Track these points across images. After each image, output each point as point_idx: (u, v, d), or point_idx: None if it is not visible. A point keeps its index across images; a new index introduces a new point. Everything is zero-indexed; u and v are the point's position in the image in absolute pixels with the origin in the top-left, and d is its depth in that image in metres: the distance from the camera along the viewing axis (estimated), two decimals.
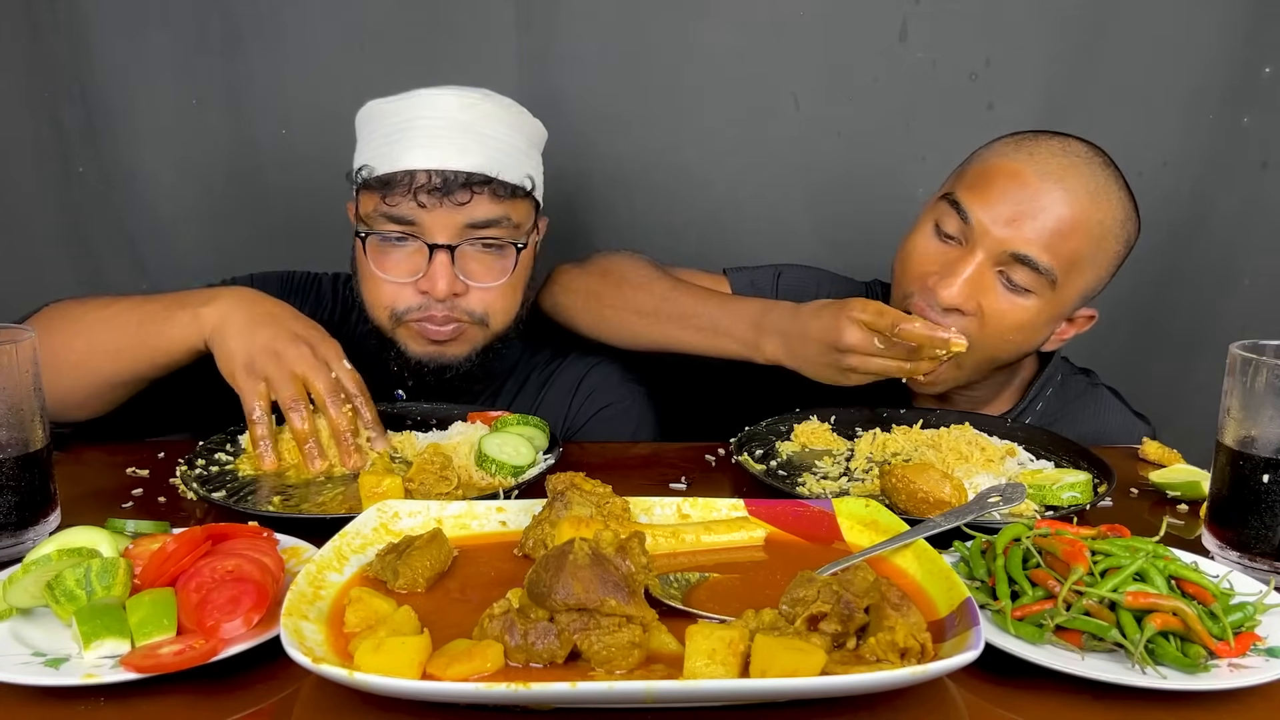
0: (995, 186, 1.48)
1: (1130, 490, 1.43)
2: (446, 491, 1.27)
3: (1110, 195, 1.49)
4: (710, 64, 2.18)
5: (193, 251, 2.19)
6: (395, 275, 1.54)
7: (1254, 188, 2.21)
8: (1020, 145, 1.51)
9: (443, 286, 1.51)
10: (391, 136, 1.51)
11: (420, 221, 1.51)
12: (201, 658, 0.87)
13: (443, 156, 1.48)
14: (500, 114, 1.54)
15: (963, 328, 1.48)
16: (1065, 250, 1.46)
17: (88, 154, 2.21)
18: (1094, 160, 1.50)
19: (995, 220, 1.46)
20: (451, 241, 1.51)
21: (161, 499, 1.32)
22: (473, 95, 1.54)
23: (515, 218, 1.56)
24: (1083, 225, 1.46)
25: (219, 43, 2.16)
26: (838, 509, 1.14)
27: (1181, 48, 2.15)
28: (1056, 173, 1.46)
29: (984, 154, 1.56)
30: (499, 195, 1.52)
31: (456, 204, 1.49)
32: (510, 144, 1.54)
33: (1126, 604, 0.92)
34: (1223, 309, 2.28)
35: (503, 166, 1.52)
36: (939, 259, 1.51)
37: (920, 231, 1.56)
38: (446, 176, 1.48)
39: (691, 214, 2.26)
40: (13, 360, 1.11)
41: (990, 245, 1.47)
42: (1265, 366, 1.12)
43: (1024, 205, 1.45)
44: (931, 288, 1.50)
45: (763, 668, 0.82)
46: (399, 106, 1.53)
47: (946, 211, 1.52)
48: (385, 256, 1.55)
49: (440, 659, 0.84)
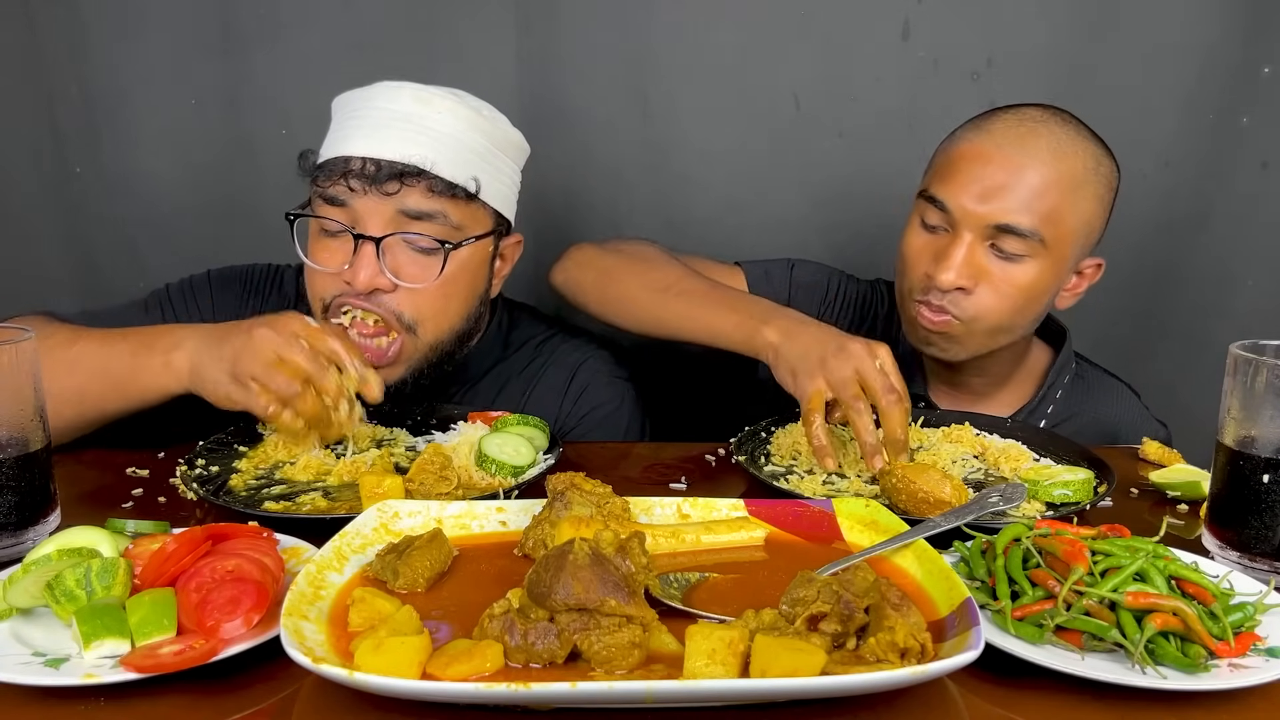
0: (962, 170, 1.54)
1: (1130, 490, 1.43)
2: (446, 492, 1.27)
3: (1073, 146, 1.54)
4: (710, 64, 2.18)
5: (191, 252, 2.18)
6: (324, 264, 1.49)
7: (1254, 188, 2.21)
8: (978, 127, 1.58)
9: (364, 276, 1.44)
10: (344, 126, 1.50)
11: (352, 208, 1.46)
12: (201, 658, 0.87)
13: (378, 145, 1.45)
14: (459, 111, 1.49)
15: (969, 302, 1.55)
16: (1044, 209, 1.51)
17: (86, 154, 2.21)
18: (1050, 120, 1.56)
19: (971, 200, 1.52)
20: (380, 232, 1.45)
21: (161, 499, 1.32)
22: (432, 91, 1.49)
23: (455, 218, 1.49)
24: (1054, 181, 1.51)
25: (218, 43, 2.16)
26: (838, 509, 1.14)
27: (1182, 48, 2.15)
28: (1015, 141, 1.53)
29: (946, 145, 1.62)
30: (435, 190, 1.46)
31: (385, 193, 1.44)
32: (462, 142, 1.48)
33: (1126, 604, 0.92)
34: (1223, 309, 2.28)
35: (442, 161, 1.46)
36: (931, 248, 1.58)
37: (910, 230, 1.62)
38: (380, 164, 1.44)
39: (692, 214, 2.26)
40: (13, 360, 1.12)
41: (973, 223, 1.53)
42: (1265, 366, 1.12)
43: (993, 179, 1.52)
44: (930, 275, 1.55)
45: (763, 668, 0.82)
46: (359, 97, 1.51)
47: (926, 206, 1.59)
48: (321, 245, 1.51)
49: (440, 659, 0.84)
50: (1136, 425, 1.73)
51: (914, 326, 1.63)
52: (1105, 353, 2.00)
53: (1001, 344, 1.63)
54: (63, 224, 2.25)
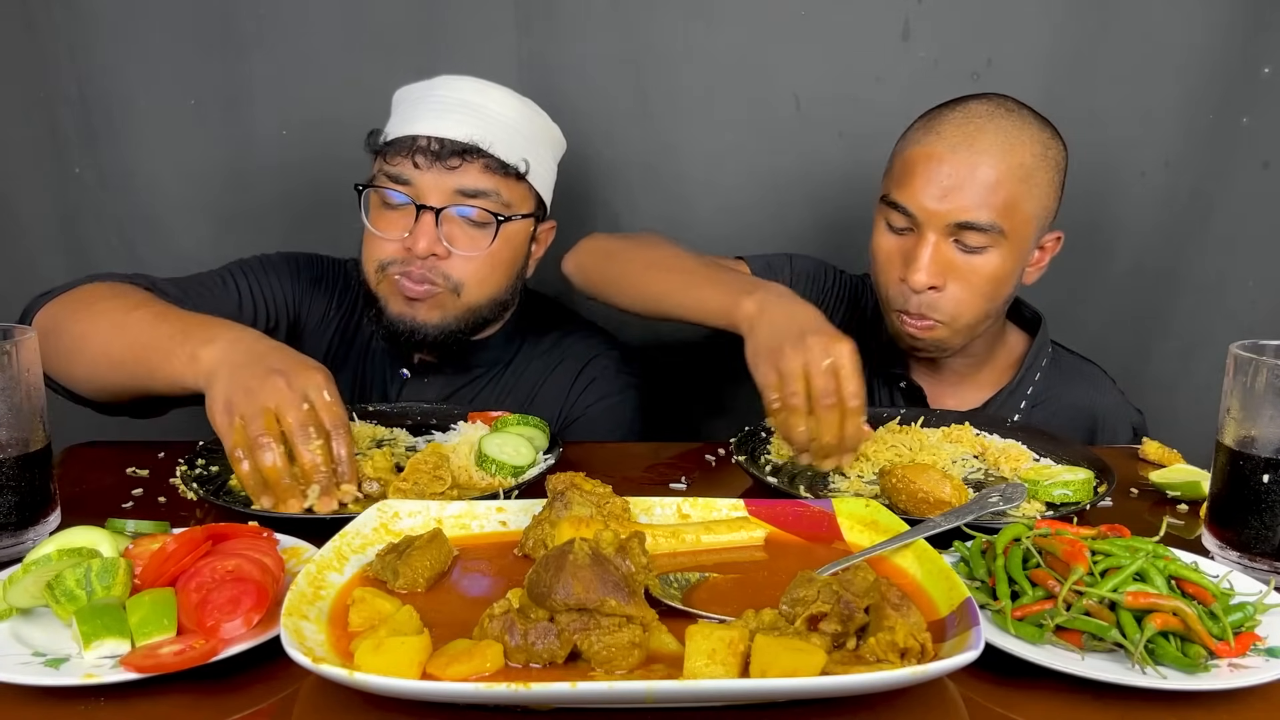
0: (918, 174, 1.60)
1: (1130, 490, 1.43)
2: (441, 491, 1.27)
3: (1020, 137, 1.60)
4: (710, 64, 2.18)
5: (191, 253, 2.18)
6: (386, 232, 1.63)
7: (1254, 188, 2.21)
8: (928, 128, 1.64)
9: (423, 244, 1.59)
10: (408, 110, 1.65)
11: (414, 183, 1.61)
12: (201, 658, 0.87)
13: (443, 126, 1.60)
14: (512, 103, 1.66)
15: (945, 301, 1.61)
16: (999, 202, 1.57)
17: (85, 155, 2.20)
18: (995, 113, 1.61)
19: (929, 201, 1.58)
20: (440, 204, 1.60)
21: (161, 499, 1.32)
22: (488, 84, 1.66)
23: (506, 195, 1.64)
24: (1005, 174, 1.57)
25: (218, 43, 2.16)
26: (838, 509, 1.15)
27: (1182, 48, 2.14)
28: (965, 141, 1.58)
29: (900, 148, 1.68)
30: (490, 168, 1.62)
31: (448, 168, 1.59)
32: (514, 128, 1.64)
33: (1126, 604, 0.92)
34: (1223, 309, 2.28)
35: (498, 142, 1.61)
36: (899, 249, 1.64)
37: (877, 233, 1.69)
38: (443, 142, 1.59)
39: (692, 214, 2.26)
40: (13, 360, 1.12)
41: (935, 223, 1.59)
42: (1265, 366, 1.12)
43: (947, 180, 1.58)
44: (903, 279, 1.62)
45: (763, 668, 0.82)
46: (422, 86, 1.67)
47: (889, 211, 1.64)
48: (382, 216, 1.65)
49: (440, 659, 0.84)
50: (1112, 409, 1.82)
51: (900, 336, 1.69)
52: (1105, 353, 2.00)
53: (983, 330, 1.70)
54: (63, 224, 2.25)
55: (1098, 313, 2.28)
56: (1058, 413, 1.76)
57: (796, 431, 1.32)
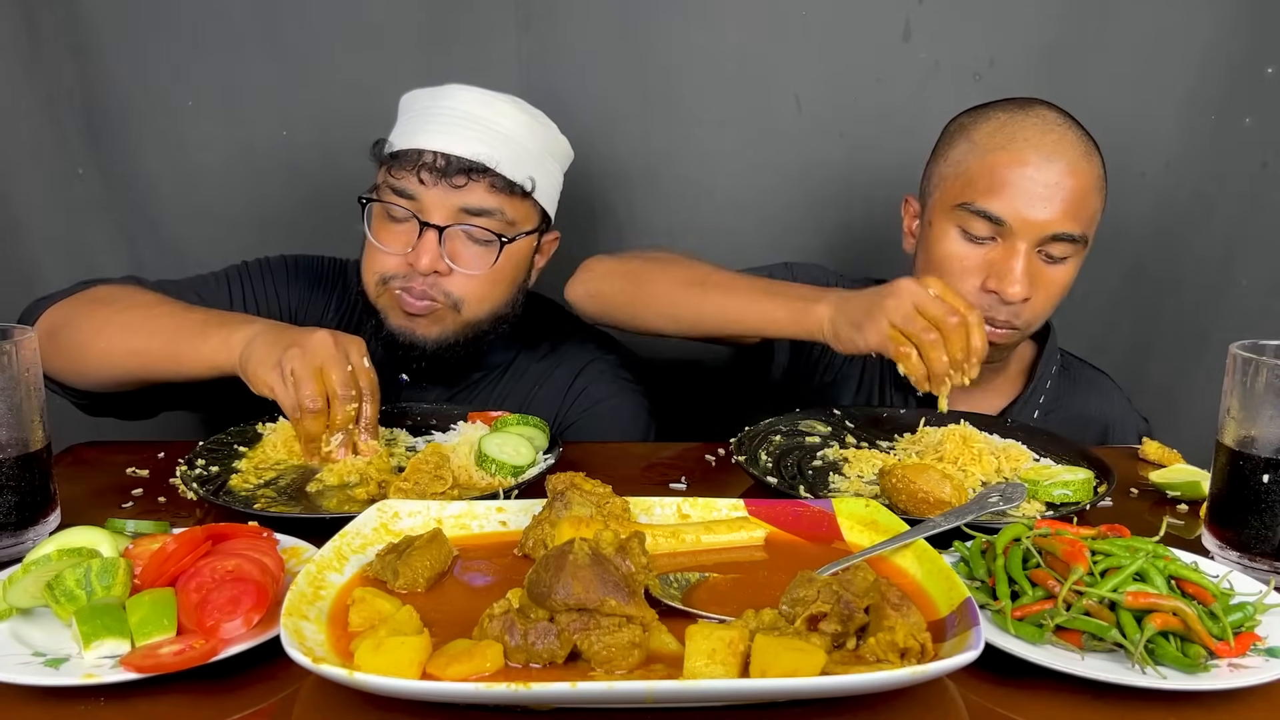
0: (1010, 183, 1.56)
1: (1130, 490, 1.43)
2: (441, 491, 1.27)
3: (1090, 147, 1.60)
4: (710, 64, 2.18)
5: (193, 252, 2.19)
6: (389, 245, 1.62)
7: (1255, 188, 2.21)
8: (1003, 131, 1.59)
9: (425, 261, 1.58)
10: (415, 120, 1.62)
11: (420, 198, 1.59)
12: (201, 658, 0.87)
13: (450, 141, 1.58)
14: (518, 116, 1.63)
15: (1026, 310, 1.60)
16: (1087, 214, 1.59)
17: (87, 156, 2.21)
18: (1066, 121, 1.61)
19: (1025, 210, 1.55)
20: (444, 222, 1.59)
21: (161, 499, 1.32)
22: (496, 95, 1.63)
23: (510, 214, 1.62)
24: (1091, 185, 1.58)
25: (218, 44, 2.16)
26: (838, 509, 1.14)
27: (1183, 48, 2.15)
28: (1057, 151, 1.56)
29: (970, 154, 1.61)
30: (496, 187, 1.59)
31: (453, 186, 1.58)
32: (519, 144, 1.61)
33: (1126, 604, 0.92)
34: (1223, 308, 2.28)
35: (505, 160, 1.59)
36: (981, 259, 1.60)
37: (947, 241, 1.63)
38: (450, 159, 1.57)
39: (692, 215, 2.26)
40: (13, 360, 1.12)
41: (1030, 234, 1.56)
42: (1265, 366, 1.12)
43: (1043, 189, 1.55)
44: (994, 290, 1.59)
45: (763, 668, 0.82)
46: (427, 95, 1.65)
47: (970, 218, 1.59)
48: (385, 228, 1.64)
49: (440, 659, 0.84)
50: (1119, 417, 1.81)
51: None
52: (1105, 353, 2.00)
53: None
54: (64, 225, 2.25)
55: (1098, 313, 2.28)
56: (1068, 421, 1.75)
57: (940, 362, 1.34)
